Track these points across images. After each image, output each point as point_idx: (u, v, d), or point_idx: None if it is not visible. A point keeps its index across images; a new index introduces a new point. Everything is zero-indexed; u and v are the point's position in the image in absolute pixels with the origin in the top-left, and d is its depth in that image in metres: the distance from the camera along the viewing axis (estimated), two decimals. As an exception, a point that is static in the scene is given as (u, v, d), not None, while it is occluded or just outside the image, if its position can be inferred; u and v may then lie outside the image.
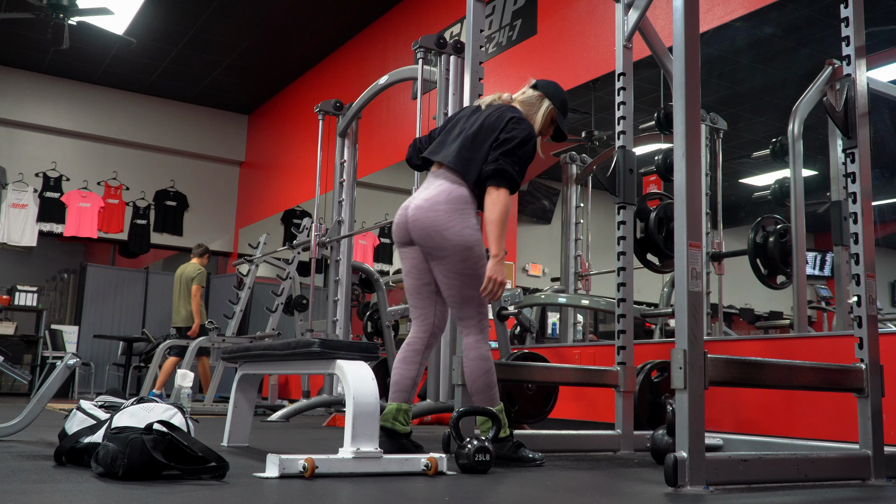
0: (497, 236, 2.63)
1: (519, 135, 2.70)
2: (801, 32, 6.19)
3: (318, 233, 5.71)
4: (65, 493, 1.75)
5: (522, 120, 2.77)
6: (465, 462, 2.42)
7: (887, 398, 2.51)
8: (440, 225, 2.67)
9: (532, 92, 2.91)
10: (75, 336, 9.14)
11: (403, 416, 2.75)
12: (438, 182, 2.76)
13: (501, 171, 2.65)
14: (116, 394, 2.57)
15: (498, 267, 2.64)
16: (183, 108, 10.50)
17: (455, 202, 2.69)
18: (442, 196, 2.71)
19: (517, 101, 2.90)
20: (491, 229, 2.64)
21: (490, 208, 2.64)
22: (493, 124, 2.75)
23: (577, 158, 6.26)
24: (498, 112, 2.80)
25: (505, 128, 2.72)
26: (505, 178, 2.65)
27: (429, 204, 2.71)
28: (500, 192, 2.65)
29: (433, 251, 2.72)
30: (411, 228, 2.75)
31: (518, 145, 2.68)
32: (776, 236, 4.51)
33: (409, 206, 2.78)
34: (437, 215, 2.68)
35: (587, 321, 6.63)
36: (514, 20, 6.13)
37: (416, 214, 2.73)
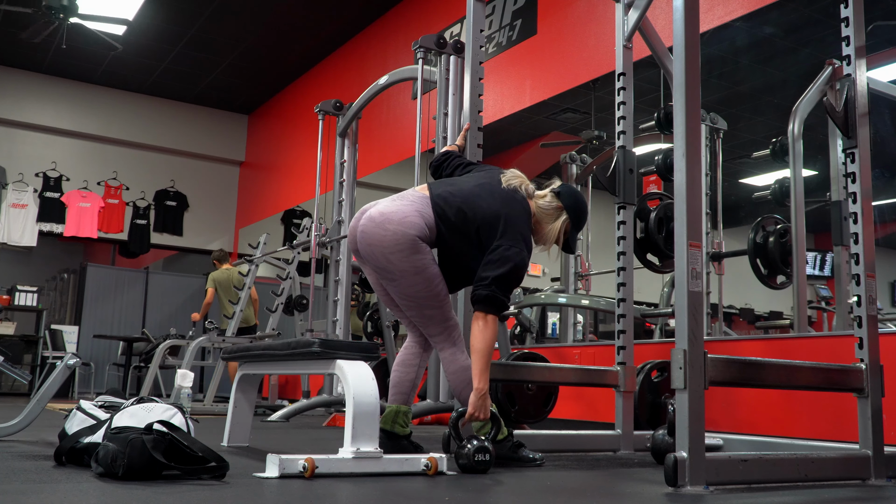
0: (482, 368, 2.49)
1: (514, 259, 2.52)
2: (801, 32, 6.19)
3: (318, 233, 5.71)
4: (65, 493, 1.75)
5: (521, 240, 2.58)
6: (465, 462, 2.41)
7: (887, 398, 2.51)
8: (385, 246, 2.53)
9: (553, 202, 2.72)
10: (75, 336, 9.14)
11: (403, 418, 2.74)
12: (405, 201, 2.61)
13: (495, 301, 2.50)
14: (116, 394, 2.57)
15: (480, 402, 2.50)
16: (183, 108, 10.50)
17: (407, 226, 2.53)
18: (397, 216, 2.54)
19: (535, 205, 2.72)
20: (476, 360, 2.49)
21: (478, 337, 2.49)
22: (494, 217, 2.57)
23: (577, 158, 6.26)
24: (510, 204, 2.62)
25: (503, 238, 2.54)
26: (497, 307, 2.51)
27: (381, 219, 2.54)
28: (487, 319, 2.50)
29: (380, 271, 2.61)
30: (359, 240, 2.60)
31: (510, 270, 2.51)
32: (776, 236, 4.51)
33: (365, 212, 2.63)
34: (384, 235, 2.52)
35: (587, 321, 6.63)
36: (514, 20, 6.13)
37: (365, 226, 2.58)
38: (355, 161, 5.75)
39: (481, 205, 2.62)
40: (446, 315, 2.65)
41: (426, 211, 2.59)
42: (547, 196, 2.74)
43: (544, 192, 2.76)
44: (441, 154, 3.09)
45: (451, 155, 3.06)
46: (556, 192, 2.75)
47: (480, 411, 2.51)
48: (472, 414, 2.51)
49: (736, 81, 7.25)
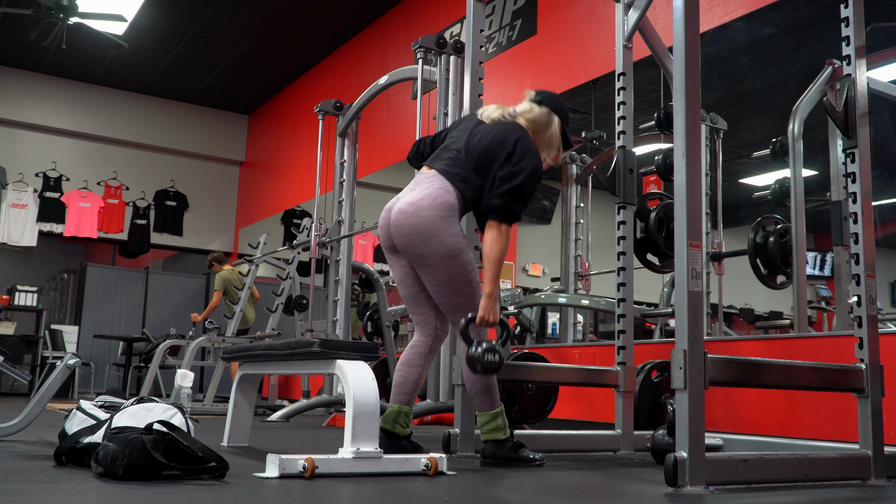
0: (493, 275, 2.56)
1: (528, 168, 2.59)
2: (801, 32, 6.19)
3: (318, 233, 5.71)
4: (65, 493, 1.75)
5: (530, 149, 2.65)
6: (476, 365, 2.48)
7: (887, 398, 2.51)
8: (423, 231, 2.59)
9: (539, 109, 2.77)
10: (75, 336, 9.14)
11: (404, 418, 2.74)
12: (424, 185, 2.66)
13: (507, 210, 2.57)
14: (116, 394, 2.57)
15: (490, 305, 2.57)
16: (183, 108, 10.50)
17: (439, 208, 2.60)
18: (426, 201, 2.61)
19: (525, 119, 2.76)
20: (488, 266, 2.56)
21: (491, 245, 2.56)
22: (498, 145, 2.64)
23: (577, 158, 6.26)
24: (505, 130, 2.68)
25: (513, 157, 2.61)
26: (511, 217, 2.58)
27: (412, 209, 2.61)
28: (500, 228, 2.57)
29: (417, 259, 2.65)
30: (394, 234, 2.66)
31: (526, 181, 2.59)
32: (776, 236, 4.51)
33: (393, 208, 2.69)
34: (420, 221, 2.59)
35: (587, 321, 6.63)
36: (514, 20, 6.13)
37: (398, 219, 2.64)
38: (355, 161, 5.75)
39: (482, 143, 2.67)
40: (476, 304, 2.68)
41: (446, 185, 2.65)
42: (533, 108, 2.78)
43: (527, 106, 2.80)
44: (413, 145, 3.03)
45: (422, 140, 2.99)
46: (538, 101, 2.80)
47: (490, 314, 2.57)
48: (483, 317, 2.56)
49: (736, 81, 7.25)
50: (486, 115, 2.78)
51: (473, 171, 2.66)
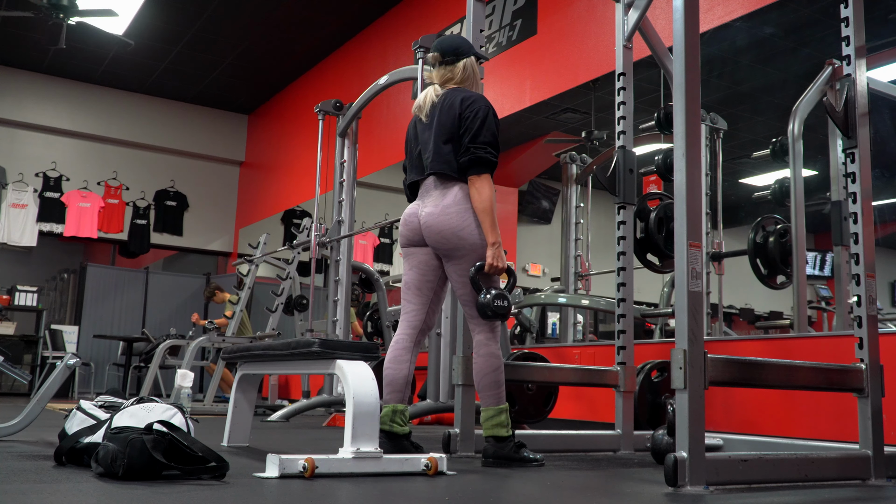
0: (490, 224, 2.69)
1: (480, 112, 2.73)
2: (801, 32, 6.19)
3: (318, 233, 5.71)
4: (65, 493, 1.75)
5: (473, 97, 2.78)
6: (488, 312, 2.62)
7: (887, 398, 2.51)
8: (454, 226, 2.72)
9: (456, 66, 2.87)
10: (75, 336, 9.14)
11: (400, 416, 2.75)
12: (437, 191, 2.79)
13: (477, 160, 2.70)
14: (116, 394, 2.57)
15: (498, 252, 2.69)
16: (183, 108, 10.50)
17: (462, 203, 2.74)
18: (448, 199, 2.75)
19: (454, 84, 2.87)
20: (483, 218, 2.69)
21: (477, 198, 2.70)
22: (448, 111, 2.77)
23: (577, 158, 6.26)
24: (448, 100, 2.81)
25: (463, 113, 2.74)
26: (483, 164, 2.71)
27: (439, 209, 2.75)
28: (481, 178, 2.71)
29: (450, 252, 2.75)
30: (426, 235, 2.78)
31: (481, 124, 2.71)
32: (776, 236, 4.51)
33: (419, 213, 2.81)
34: (449, 218, 2.73)
35: (587, 321, 6.63)
36: (514, 20, 6.13)
37: (428, 220, 2.77)
38: (355, 161, 5.75)
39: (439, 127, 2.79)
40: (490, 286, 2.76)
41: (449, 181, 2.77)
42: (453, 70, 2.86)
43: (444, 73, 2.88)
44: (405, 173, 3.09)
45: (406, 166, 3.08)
46: (449, 60, 2.86)
47: (498, 260, 2.69)
48: (491, 264, 2.68)
49: (736, 81, 7.25)
50: (424, 111, 2.88)
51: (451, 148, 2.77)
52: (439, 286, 2.88)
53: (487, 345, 2.75)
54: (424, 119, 2.88)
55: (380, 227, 8.50)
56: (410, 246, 2.87)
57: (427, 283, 2.85)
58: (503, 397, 2.76)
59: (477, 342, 2.78)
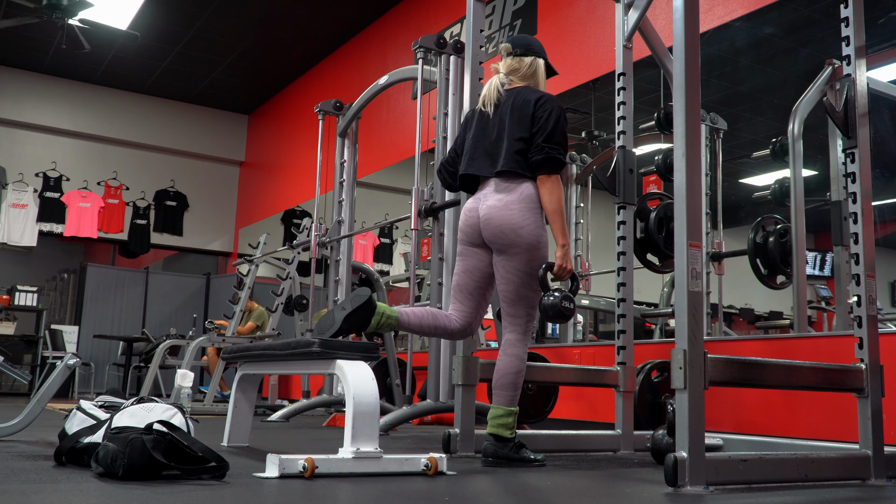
0: (561, 225, 2.70)
1: (554, 113, 2.73)
2: (801, 32, 6.19)
3: (318, 233, 5.71)
4: (65, 493, 1.75)
5: (547, 97, 2.79)
6: (551, 312, 2.61)
7: (887, 398, 2.51)
8: (515, 223, 2.71)
9: (526, 59, 2.90)
10: (75, 336, 9.13)
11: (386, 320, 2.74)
12: (503, 186, 2.77)
13: (550, 160, 2.69)
14: (116, 394, 2.57)
15: (567, 254, 2.70)
16: (183, 108, 10.50)
17: (527, 201, 2.73)
18: (514, 196, 2.74)
19: (518, 77, 2.89)
20: (554, 220, 2.70)
21: (548, 198, 2.70)
22: (521, 109, 2.77)
23: (577, 158, 6.26)
24: (520, 98, 2.80)
25: (536, 113, 2.74)
26: (555, 165, 2.71)
27: (502, 203, 2.74)
28: (552, 179, 2.71)
29: (505, 247, 2.74)
30: (483, 227, 2.76)
31: (555, 125, 2.71)
32: (776, 236, 4.51)
33: (479, 207, 2.79)
34: (511, 213, 2.72)
35: (587, 321, 6.63)
36: (514, 20, 6.13)
37: (489, 213, 2.75)
38: (355, 161, 5.75)
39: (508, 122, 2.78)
40: (534, 303, 2.78)
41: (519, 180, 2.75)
42: (521, 62, 2.90)
43: (512, 64, 2.91)
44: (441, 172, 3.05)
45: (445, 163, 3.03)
46: (520, 53, 2.91)
47: (567, 262, 2.70)
48: (561, 265, 2.70)
49: (736, 81, 7.24)
50: (487, 101, 2.88)
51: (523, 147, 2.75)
52: (489, 290, 2.88)
53: (516, 346, 2.77)
54: (490, 110, 2.86)
55: (380, 227, 8.50)
56: (469, 245, 2.85)
57: (478, 290, 2.86)
58: (516, 401, 2.76)
59: (506, 341, 2.79)
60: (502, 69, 2.92)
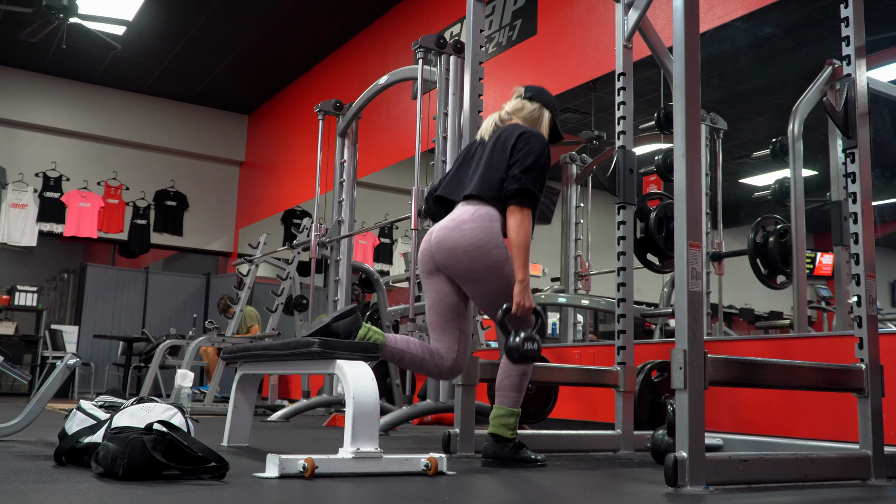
0: (523, 262, 2.56)
1: (535, 149, 2.64)
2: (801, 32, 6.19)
3: (318, 233, 5.71)
4: (65, 493, 1.75)
5: (534, 134, 2.72)
6: (515, 354, 2.52)
7: (887, 398, 2.51)
8: (466, 244, 2.59)
9: (531, 105, 2.84)
10: (75, 336, 9.13)
11: None
12: (462, 207, 2.69)
13: (525, 191, 2.58)
14: (116, 394, 2.57)
15: (526, 291, 2.57)
16: (183, 108, 10.50)
17: (481, 220, 2.61)
18: (466, 215, 2.64)
19: (519, 118, 2.83)
20: (517, 253, 2.57)
21: (516, 230, 2.57)
22: (504, 143, 2.70)
23: (577, 158, 6.26)
24: (507, 131, 2.74)
25: (517, 144, 2.66)
26: (528, 198, 2.59)
27: (453, 224, 2.64)
28: (523, 212, 2.58)
29: (461, 273, 2.63)
30: (435, 252, 2.65)
31: (536, 159, 2.63)
32: (776, 236, 4.51)
33: (433, 230, 2.70)
34: (462, 235, 2.60)
35: (587, 321, 6.63)
36: (514, 20, 6.13)
37: (440, 235, 2.65)
38: (355, 161, 5.75)
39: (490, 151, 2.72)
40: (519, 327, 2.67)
41: (481, 202, 2.67)
42: (525, 105, 2.85)
43: (519, 104, 2.86)
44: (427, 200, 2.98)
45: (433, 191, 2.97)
46: (529, 97, 2.86)
47: (525, 300, 2.57)
48: (519, 304, 2.56)
49: (736, 81, 7.24)
50: (483, 132, 2.83)
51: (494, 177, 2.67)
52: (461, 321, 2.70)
53: None
54: (487, 138, 2.80)
55: (380, 227, 8.50)
56: (426, 275, 2.72)
57: (449, 323, 2.69)
58: (519, 403, 2.73)
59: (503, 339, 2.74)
60: (507, 107, 2.87)
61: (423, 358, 2.67)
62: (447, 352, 2.70)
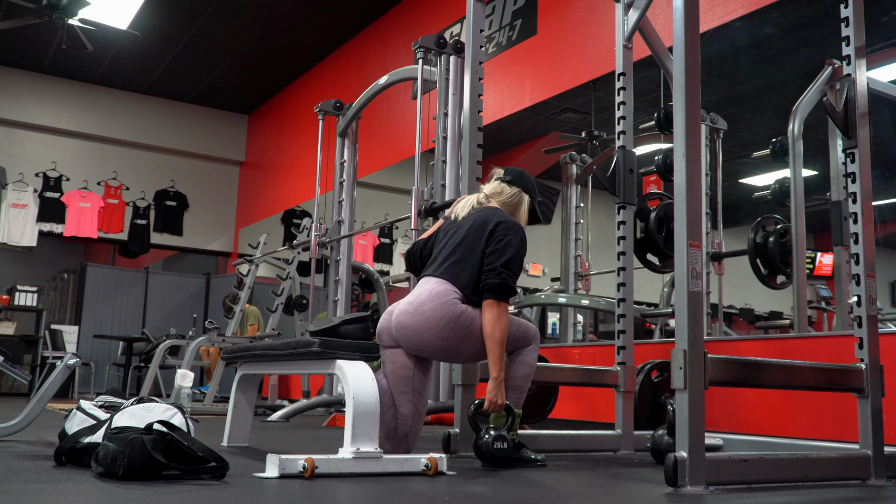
0: (498, 357, 2.56)
1: (514, 241, 2.65)
2: (801, 32, 6.19)
3: (318, 233, 5.71)
4: (65, 493, 1.75)
5: (512, 224, 2.71)
6: (484, 450, 2.51)
7: (887, 398, 2.51)
8: (433, 327, 2.57)
9: (510, 189, 2.84)
10: (75, 336, 9.13)
11: None
12: (421, 287, 2.69)
13: (505, 287, 2.58)
14: (116, 394, 2.57)
15: (498, 389, 2.58)
16: (183, 108, 10.50)
17: (437, 297, 2.60)
18: (424, 295, 2.63)
19: (498, 202, 2.83)
20: (492, 349, 2.56)
21: (492, 325, 2.56)
22: (480, 227, 2.70)
23: (577, 158, 6.26)
24: (484, 213, 2.75)
25: (496, 233, 2.65)
26: (508, 292, 2.60)
27: (412, 308, 2.62)
28: (500, 307, 2.58)
29: (423, 351, 2.63)
30: (395, 334, 2.64)
31: (515, 253, 2.64)
32: (776, 236, 4.51)
33: (393, 310, 2.69)
34: (423, 318, 2.58)
35: (587, 321, 6.63)
36: (514, 20, 6.13)
37: (400, 320, 2.63)
38: (355, 161, 5.75)
39: (464, 233, 2.72)
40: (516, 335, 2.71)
41: (440, 280, 2.66)
42: (504, 189, 2.85)
43: (497, 187, 2.86)
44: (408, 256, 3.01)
45: (414, 247, 2.98)
46: (508, 181, 2.86)
47: (498, 397, 2.59)
48: (492, 401, 2.58)
49: (736, 81, 7.25)
50: (457, 213, 2.82)
51: (465, 260, 2.67)
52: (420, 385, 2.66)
53: (526, 353, 2.75)
54: (460, 219, 2.79)
55: (380, 227, 8.50)
56: (383, 347, 2.68)
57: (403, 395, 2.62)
58: (521, 403, 2.75)
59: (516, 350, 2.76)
60: (485, 189, 2.87)
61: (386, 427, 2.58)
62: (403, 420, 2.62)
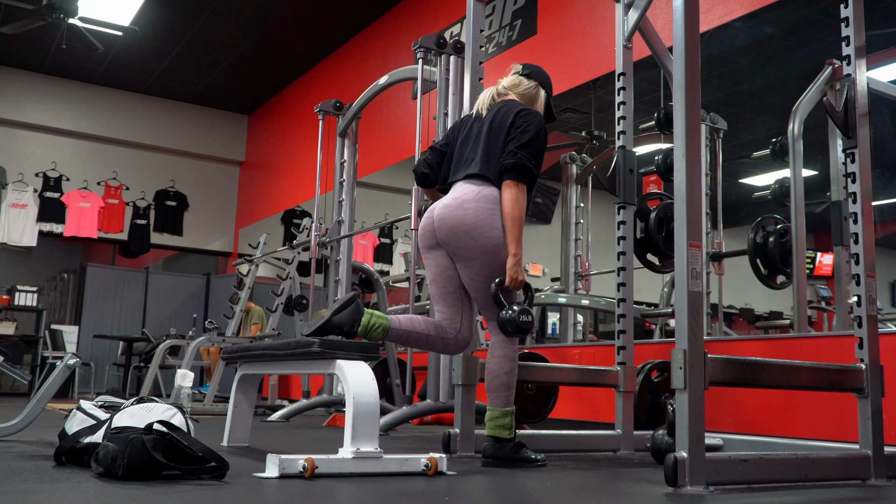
0: (517, 235, 2.60)
1: (532, 126, 2.69)
2: (801, 32, 6.19)
3: (318, 233, 5.71)
4: (65, 493, 1.75)
5: (531, 111, 2.76)
6: (510, 326, 2.56)
7: (887, 398, 2.51)
8: (467, 224, 2.63)
9: (527, 82, 2.90)
10: (75, 336, 9.13)
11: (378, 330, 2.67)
12: (466, 186, 2.71)
13: (521, 166, 2.62)
14: (116, 394, 2.57)
15: (518, 266, 2.61)
16: (183, 108, 10.50)
17: (484, 201, 2.65)
18: (470, 195, 2.67)
19: (516, 94, 2.88)
20: (511, 227, 2.60)
21: (510, 204, 2.61)
22: (502, 120, 2.74)
23: (577, 158, 6.26)
24: (505, 108, 2.79)
25: (515, 122, 2.70)
26: (524, 173, 2.63)
27: (457, 202, 2.67)
28: (519, 187, 2.62)
29: (459, 251, 2.67)
30: (437, 227, 2.69)
31: (533, 136, 2.67)
32: (776, 236, 4.51)
33: (436, 207, 2.74)
34: (464, 213, 2.64)
35: (587, 321, 6.62)
36: (514, 20, 6.13)
37: (442, 213, 2.68)
38: (355, 161, 5.74)
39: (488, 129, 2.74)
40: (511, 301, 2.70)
41: (483, 182, 2.69)
42: (522, 81, 2.90)
43: (516, 80, 2.91)
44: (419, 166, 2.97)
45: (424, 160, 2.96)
46: (526, 74, 2.92)
47: (518, 273, 2.60)
48: (512, 276, 2.60)
49: (736, 81, 7.24)
50: (484, 105, 2.85)
51: (493, 154, 2.71)
52: (465, 295, 2.76)
53: (504, 347, 2.72)
54: (484, 113, 2.83)
55: (380, 227, 8.50)
56: (426, 249, 2.77)
57: (451, 295, 2.74)
58: (511, 400, 2.73)
59: (493, 342, 2.75)
60: (503, 82, 2.92)
61: (429, 334, 2.73)
62: (450, 323, 2.75)
